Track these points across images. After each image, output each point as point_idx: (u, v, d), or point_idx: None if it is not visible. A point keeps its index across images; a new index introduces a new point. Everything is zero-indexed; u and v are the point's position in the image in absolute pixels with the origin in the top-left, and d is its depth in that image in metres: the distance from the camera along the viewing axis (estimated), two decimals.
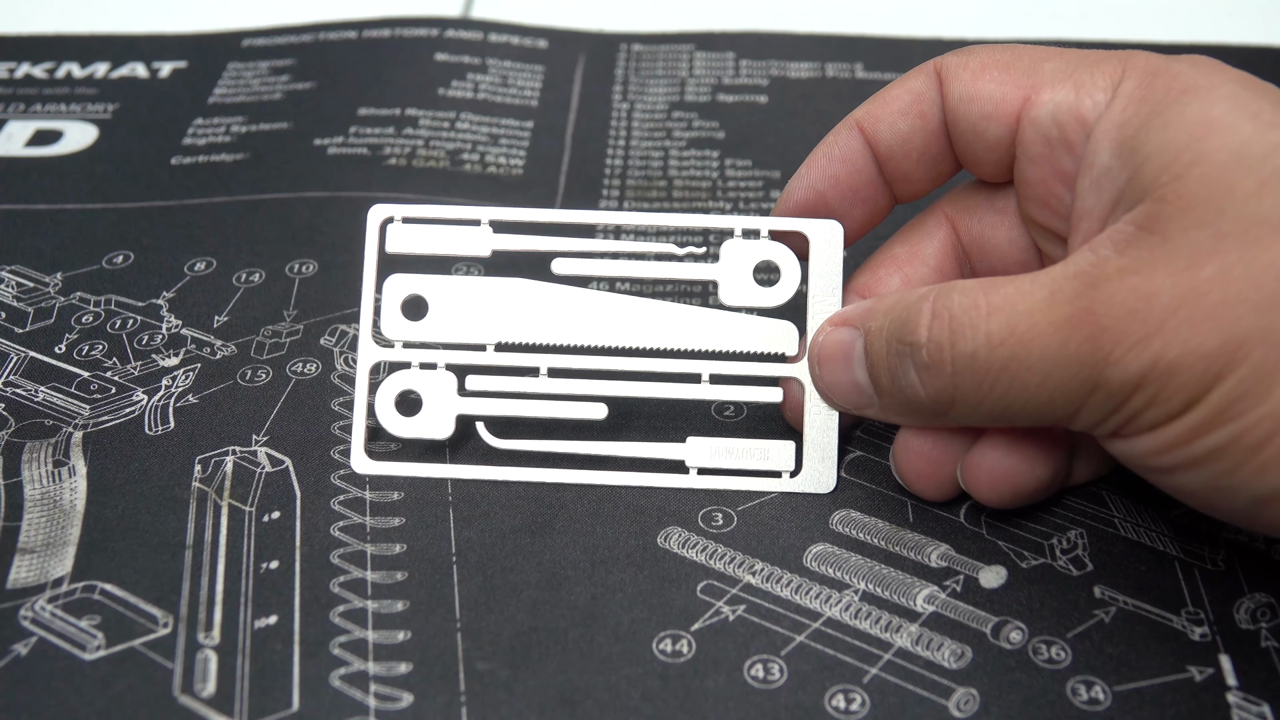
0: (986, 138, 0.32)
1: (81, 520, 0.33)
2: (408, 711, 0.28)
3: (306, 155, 0.48)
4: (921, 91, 0.33)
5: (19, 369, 0.38)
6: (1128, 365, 0.26)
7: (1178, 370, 0.26)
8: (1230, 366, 0.25)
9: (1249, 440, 0.25)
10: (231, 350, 0.38)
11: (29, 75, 0.53)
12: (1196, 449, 0.26)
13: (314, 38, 0.55)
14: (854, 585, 0.31)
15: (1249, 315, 0.25)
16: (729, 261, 0.34)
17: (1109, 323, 0.26)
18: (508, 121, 0.50)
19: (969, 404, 0.29)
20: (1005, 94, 0.31)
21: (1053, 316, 0.27)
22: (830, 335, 0.32)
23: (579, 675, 0.29)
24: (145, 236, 0.43)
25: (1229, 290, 0.25)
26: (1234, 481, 0.26)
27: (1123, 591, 0.31)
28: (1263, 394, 0.25)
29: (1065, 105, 0.30)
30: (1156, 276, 0.26)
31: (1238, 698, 0.29)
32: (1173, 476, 0.28)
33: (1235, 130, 0.27)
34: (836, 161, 0.34)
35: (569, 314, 0.34)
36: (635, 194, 0.46)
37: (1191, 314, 0.25)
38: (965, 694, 0.29)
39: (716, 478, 0.34)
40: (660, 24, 0.57)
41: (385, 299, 0.34)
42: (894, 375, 0.30)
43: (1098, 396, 0.27)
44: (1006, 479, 0.31)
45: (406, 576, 0.31)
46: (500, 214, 0.35)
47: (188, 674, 0.29)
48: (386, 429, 0.34)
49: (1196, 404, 0.26)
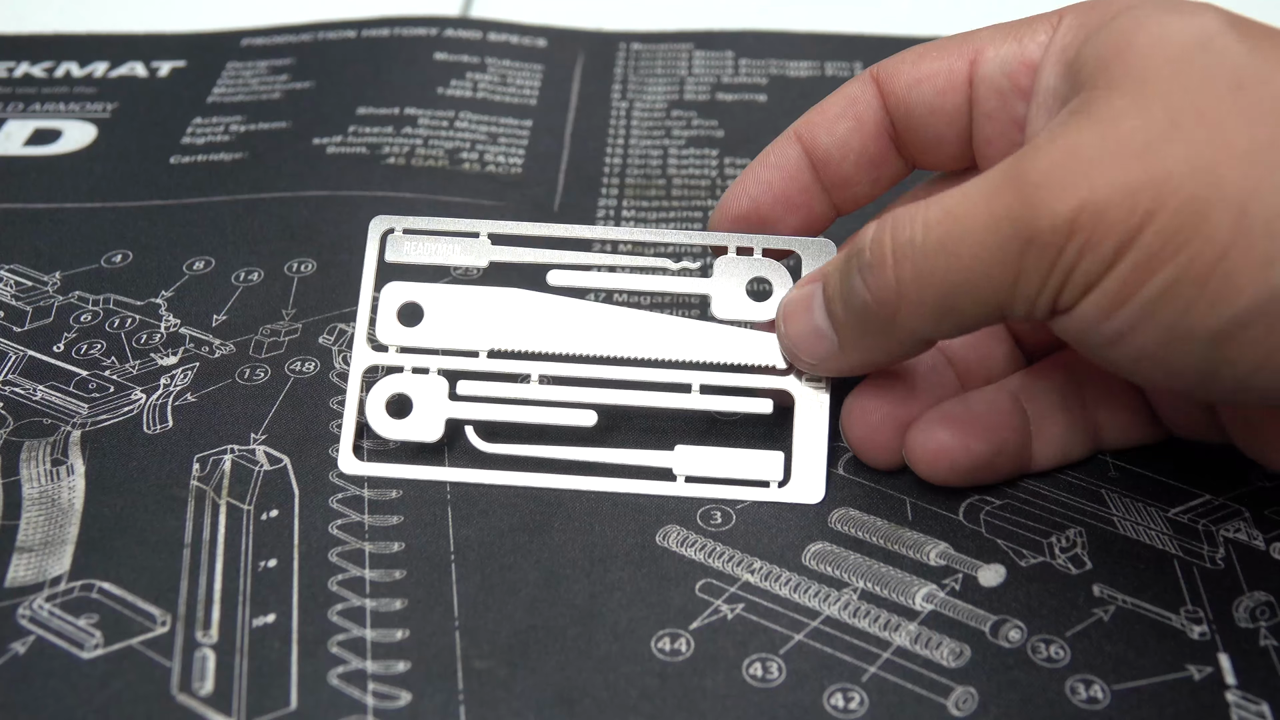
0: (945, 111, 0.33)
1: (80, 519, 0.33)
2: (406, 710, 0.28)
3: (305, 154, 0.48)
4: (857, 95, 0.34)
5: (17, 368, 0.38)
6: (1056, 211, 0.26)
7: (1107, 210, 0.25)
8: (1160, 201, 0.25)
9: (1193, 273, 0.25)
10: (230, 349, 0.38)
11: (28, 74, 0.53)
12: (1144, 297, 0.26)
13: (313, 37, 0.55)
14: (853, 584, 0.31)
15: (1172, 155, 0.25)
16: (722, 276, 0.35)
17: (1036, 177, 0.26)
18: (507, 120, 0.50)
19: (912, 298, 0.28)
20: (951, 65, 0.32)
21: (985, 189, 0.27)
22: (794, 292, 0.33)
23: (577, 674, 0.29)
24: (144, 235, 0.43)
25: (1151, 133, 0.25)
26: (1188, 324, 0.25)
27: (1122, 590, 0.31)
28: (1198, 224, 0.25)
29: (1011, 55, 0.32)
30: (1083, 134, 0.26)
31: (1237, 696, 0.28)
32: (1127, 341, 0.27)
33: (1158, 20, 0.27)
34: (770, 169, 0.35)
35: (563, 323, 0.34)
36: (634, 193, 0.46)
37: (1116, 156, 0.26)
38: (964, 692, 0.29)
39: (704, 486, 0.34)
40: (659, 23, 0.57)
41: (382, 305, 0.35)
42: (845, 296, 0.30)
43: (1032, 252, 0.26)
44: (942, 452, 0.32)
45: (405, 575, 0.31)
46: (499, 227, 0.35)
47: (186, 672, 0.29)
48: (375, 430, 0.34)
49: (1130, 245, 0.25)
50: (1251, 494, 0.33)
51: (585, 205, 0.46)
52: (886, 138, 0.34)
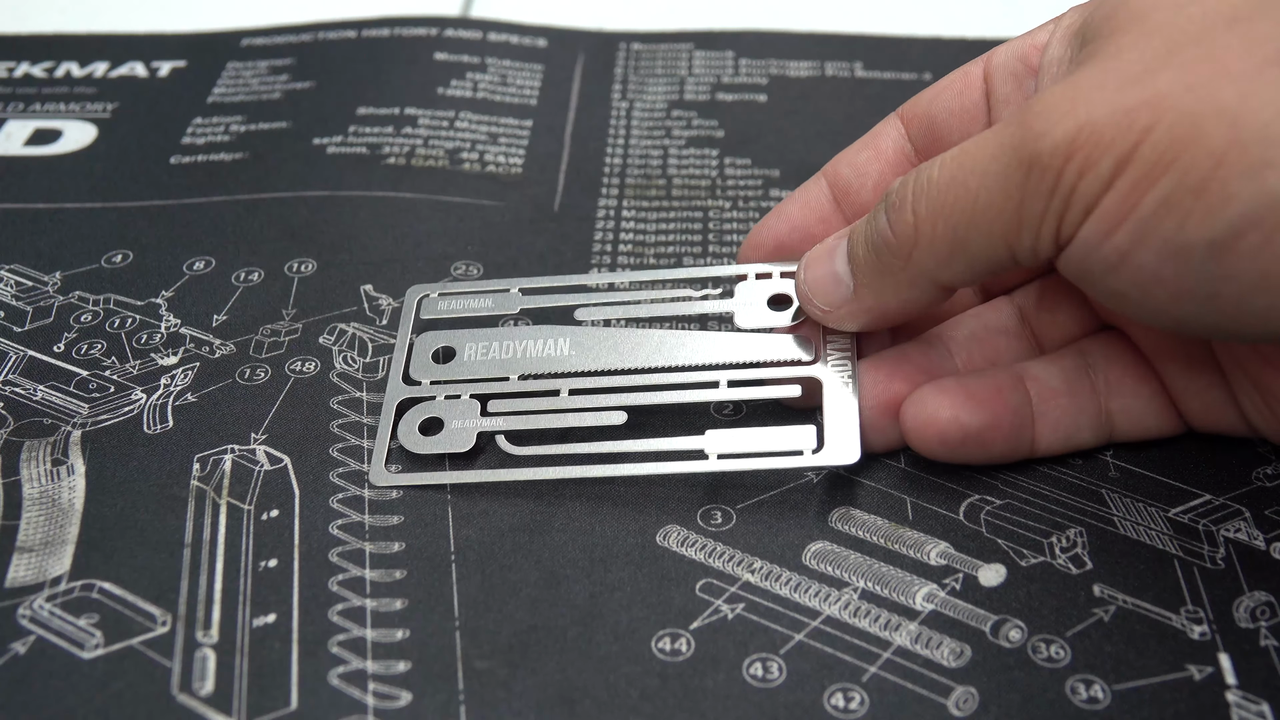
0: (966, 108, 0.34)
1: (80, 519, 0.33)
2: (406, 710, 0.28)
3: (305, 154, 0.48)
4: (879, 130, 0.36)
5: (18, 368, 0.38)
6: (1055, 134, 0.27)
7: (1103, 129, 0.26)
8: (1155, 117, 0.26)
9: (1189, 182, 0.25)
10: (230, 349, 0.38)
11: (28, 74, 0.53)
12: (1142, 211, 0.26)
13: (313, 37, 0.55)
14: (853, 583, 0.31)
15: (1167, 78, 0.26)
16: (743, 296, 0.36)
17: (1039, 109, 0.27)
18: (507, 120, 0.50)
19: (926, 234, 0.29)
20: (967, 70, 0.35)
21: (995, 129, 0.29)
22: (819, 245, 0.34)
23: (578, 674, 0.29)
24: (144, 235, 0.43)
25: (1148, 62, 0.27)
26: (1186, 236, 0.26)
27: (1122, 590, 0.31)
28: (1192, 136, 0.25)
29: (1021, 43, 0.33)
30: (1083, 70, 0.28)
31: (1237, 696, 0.28)
32: (1128, 263, 0.27)
33: None
34: (795, 204, 0.36)
35: (591, 346, 0.35)
36: (634, 193, 0.46)
37: (1113, 82, 0.27)
38: (964, 692, 0.29)
39: (738, 461, 0.33)
40: (659, 23, 0.57)
41: (416, 350, 0.36)
42: (869, 237, 0.31)
43: (1033, 176, 0.27)
44: (931, 422, 0.32)
45: (405, 574, 0.31)
46: (529, 283, 0.37)
47: (186, 672, 0.29)
48: (407, 448, 0.34)
49: (1129, 162, 0.26)
50: (1252, 494, 0.33)
51: (585, 205, 0.45)
52: (906, 164, 0.35)
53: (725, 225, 0.44)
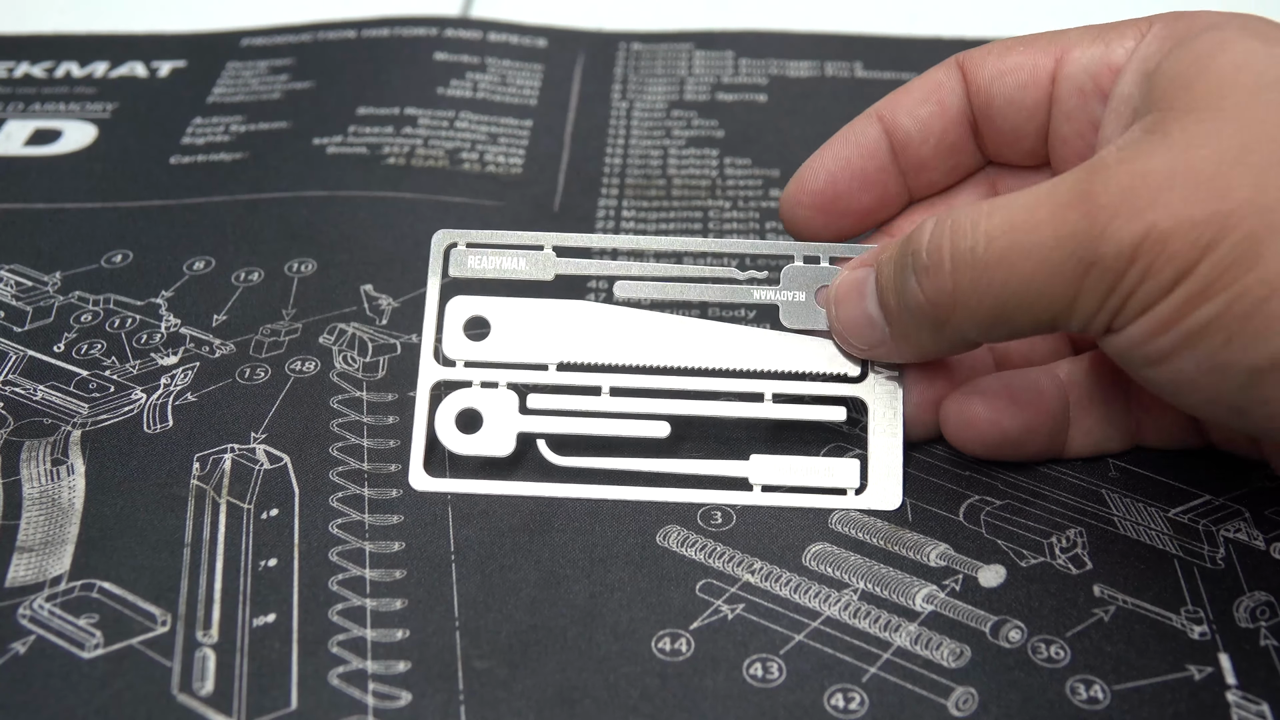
0: (1025, 105, 0.33)
1: (80, 518, 0.33)
2: (406, 710, 0.28)
3: (305, 155, 0.48)
4: (942, 81, 0.34)
5: (18, 368, 0.38)
6: (1122, 237, 0.26)
7: (1170, 239, 0.26)
8: (1221, 234, 0.25)
9: (1240, 308, 0.25)
10: (230, 349, 0.38)
11: (28, 74, 0.53)
12: (1190, 324, 0.26)
13: (313, 37, 0.55)
14: (853, 584, 0.31)
15: (1239, 187, 0.25)
16: (789, 285, 0.34)
17: (1105, 200, 0.26)
18: (507, 120, 0.50)
19: (968, 305, 0.29)
20: (1037, 61, 0.33)
21: (1051, 205, 0.27)
22: (846, 276, 0.33)
23: (577, 674, 0.29)
24: (144, 236, 0.43)
25: (1221, 165, 0.26)
26: (1228, 356, 0.26)
27: (1122, 590, 0.31)
28: (1252, 261, 0.25)
29: (1097, 57, 0.32)
30: (1154, 159, 0.26)
31: (1237, 696, 0.28)
32: (1168, 363, 0.27)
33: (1243, 45, 0.28)
34: (850, 145, 0.35)
35: (631, 335, 0.34)
36: (634, 193, 0.46)
37: (1184, 186, 0.26)
38: (964, 693, 0.29)
39: (781, 495, 0.33)
40: (659, 23, 0.57)
41: (448, 320, 0.34)
42: (899, 291, 0.30)
43: (1094, 275, 0.27)
44: (972, 424, 0.32)
45: (405, 574, 0.31)
46: (562, 240, 0.35)
47: (186, 672, 0.29)
48: (446, 446, 0.34)
49: (1188, 275, 0.26)
50: (1252, 494, 0.33)
51: (585, 205, 0.46)
52: (967, 125, 0.34)
53: (725, 225, 0.44)
